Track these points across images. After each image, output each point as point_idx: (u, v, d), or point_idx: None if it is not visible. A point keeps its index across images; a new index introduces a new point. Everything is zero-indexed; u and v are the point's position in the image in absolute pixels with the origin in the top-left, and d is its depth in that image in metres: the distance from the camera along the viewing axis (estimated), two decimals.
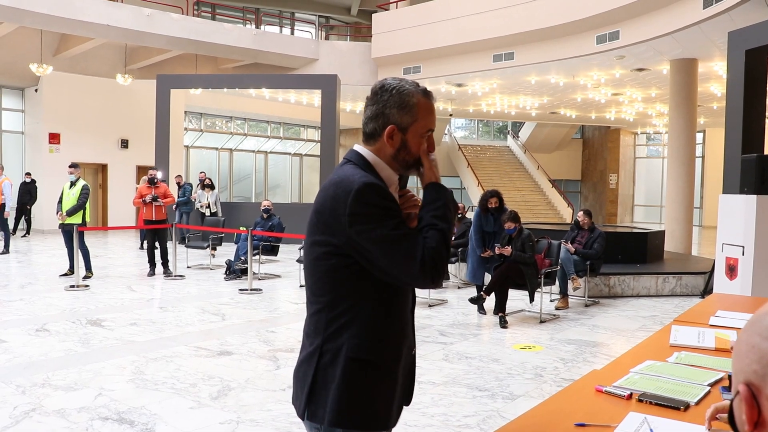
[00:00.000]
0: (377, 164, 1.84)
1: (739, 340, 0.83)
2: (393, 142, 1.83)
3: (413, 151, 1.83)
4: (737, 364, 0.82)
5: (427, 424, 4.10)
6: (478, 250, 7.86)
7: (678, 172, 13.97)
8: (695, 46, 13.08)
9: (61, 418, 4.08)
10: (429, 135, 1.86)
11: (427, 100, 1.85)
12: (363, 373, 1.78)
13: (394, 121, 1.81)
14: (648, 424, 1.92)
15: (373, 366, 1.79)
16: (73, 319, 6.98)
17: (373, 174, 1.81)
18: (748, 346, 0.80)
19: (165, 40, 16.13)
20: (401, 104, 1.81)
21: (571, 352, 6.06)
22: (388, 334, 1.82)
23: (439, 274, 1.75)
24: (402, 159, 1.85)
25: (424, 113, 1.83)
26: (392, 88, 1.83)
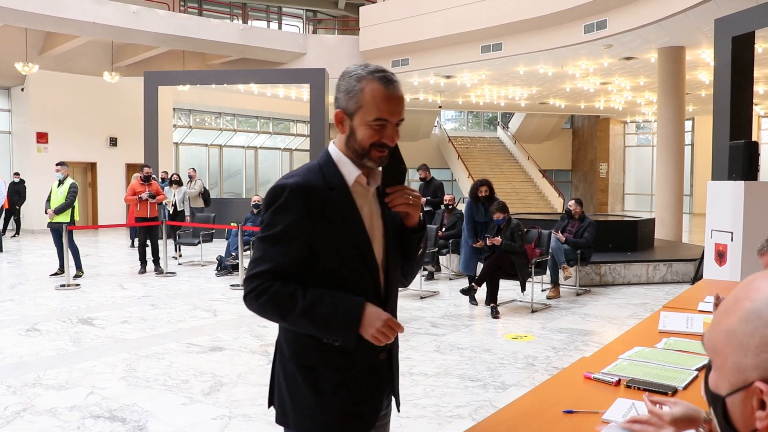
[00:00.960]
0: (339, 160, 1.76)
1: (741, 330, 0.74)
2: (343, 128, 1.74)
3: (359, 139, 1.71)
4: (744, 358, 0.73)
5: (420, 414, 4.11)
6: (470, 241, 7.87)
7: (667, 160, 14.01)
8: (682, 34, 13.10)
9: (52, 417, 4.07)
10: (382, 126, 1.70)
11: (382, 87, 1.68)
12: (305, 377, 1.74)
13: (342, 106, 1.72)
14: (636, 409, 1.93)
15: (313, 371, 1.74)
16: (64, 318, 6.95)
17: (333, 171, 1.74)
18: (763, 339, 0.71)
19: (152, 36, 16.03)
20: (348, 89, 1.71)
21: (562, 341, 6.08)
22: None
23: (254, 306, 1.69)
24: (351, 147, 1.74)
25: (372, 99, 1.67)
26: (346, 72, 1.73)
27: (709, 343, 0.82)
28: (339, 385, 1.74)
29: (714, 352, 0.80)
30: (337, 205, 1.71)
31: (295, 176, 1.72)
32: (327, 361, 1.73)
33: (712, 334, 0.81)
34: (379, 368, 1.81)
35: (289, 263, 1.67)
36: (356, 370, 1.75)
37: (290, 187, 1.68)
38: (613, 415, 1.89)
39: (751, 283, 0.78)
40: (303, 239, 1.67)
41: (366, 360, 1.77)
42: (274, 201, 1.69)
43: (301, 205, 1.67)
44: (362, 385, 1.77)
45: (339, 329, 1.67)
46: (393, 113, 1.69)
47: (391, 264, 1.82)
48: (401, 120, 1.73)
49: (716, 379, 0.79)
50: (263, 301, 1.66)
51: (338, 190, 1.72)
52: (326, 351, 1.72)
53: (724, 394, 0.77)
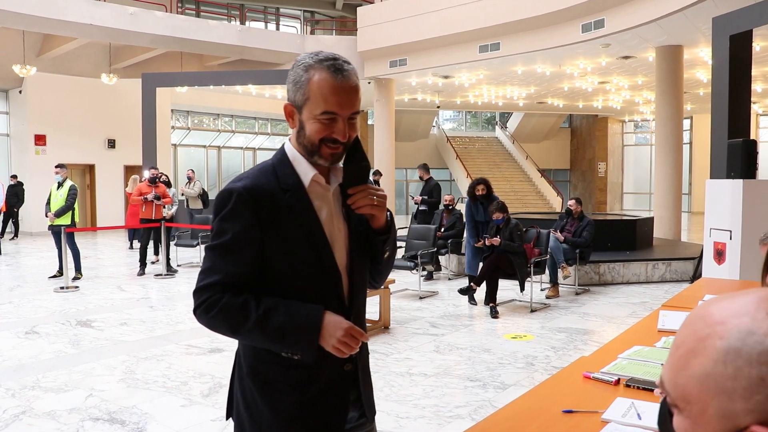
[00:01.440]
0: (295, 158, 1.62)
1: (720, 374, 0.65)
2: (293, 123, 1.61)
3: (307, 134, 1.57)
4: (731, 403, 0.64)
5: (419, 415, 4.10)
6: (471, 240, 7.87)
7: (666, 158, 14.01)
8: (680, 33, 13.10)
9: (51, 420, 4.06)
10: (332, 120, 1.55)
11: (330, 76, 1.53)
12: (263, 395, 1.62)
13: (290, 99, 1.60)
14: (635, 408, 1.93)
15: (271, 388, 1.62)
16: (63, 321, 6.94)
17: (287, 171, 1.61)
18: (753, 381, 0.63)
19: (149, 38, 16.02)
20: (295, 79, 1.57)
21: (562, 340, 6.08)
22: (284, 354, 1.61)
23: (204, 320, 1.58)
24: (301, 143, 1.60)
25: (319, 91, 1.53)
26: (296, 60, 1.59)
27: (675, 391, 0.71)
28: (299, 404, 1.61)
29: (686, 400, 0.69)
30: (292, 209, 1.57)
31: (245, 179, 1.59)
32: (286, 376, 1.61)
33: (680, 380, 0.70)
34: (345, 381, 1.68)
35: (241, 274, 1.55)
36: (319, 385, 1.62)
37: (237, 192, 1.55)
38: (612, 415, 1.88)
39: (708, 317, 0.69)
40: (254, 247, 1.55)
41: (329, 374, 1.64)
42: (221, 207, 1.57)
43: (250, 211, 1.54)
44: (325, 401, 1.64)
45: (296, 341, 1.54)
46: (343, 106, 1.54)
47: (356, 268, 1.69)
48: (356, 113, 1.59)
49: (692, 428, 0.69)
50: (213, 315, 1.53)
51: (293, 191, 1.59)
52: (286, 366, 1.60)
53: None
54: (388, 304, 6.54)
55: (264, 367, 1.62)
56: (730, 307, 0.68)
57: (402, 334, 6.32)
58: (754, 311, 0.66)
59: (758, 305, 0.66)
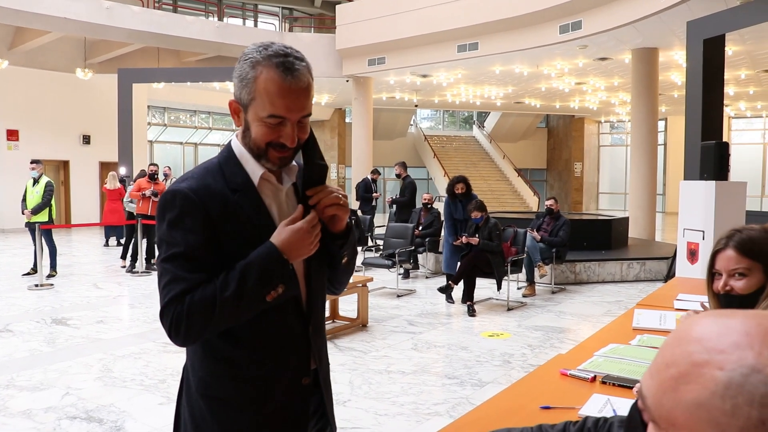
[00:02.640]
0: (242, 155, 1.49)
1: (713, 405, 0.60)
2: (239, 120, 1.47)
3: (253, 137, 1.44)
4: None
5: (398, 412, 4.13)
6: (450, 239, 7.92)
7: (641, 159, 14.19)
8: (656, 36, 13.28)
9: (27, 419, 4.02)
10: (280, 124, 1.42)
11: (278, 76, 1.38)
12: (215, 414, 1.49)
13: (236, 95, 1.45)
14: (611, 404, 1.97)
15: (223, 405, 1.49)
16: (38, 319, 6.86)
17: (235, 170, 1.48)
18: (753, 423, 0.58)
19: (125, 33, 15.85)
20: (241, 75, 1.42)
21: (538, 338, 6.15)
22: (238, 366, 1.49)
23: (180, 337, 1.40)
24: (247, 143, 1.47)
25: (266, 92, 1.39)
26: (243, 53, 1.45)
27: (659, 410, 0.65)
28: (255, 422, 1.50)
29: (670, 423, 0.64)
30: (242, 209, 1.45)
31: (189, 179, 1.46)
32: (241, 392, 1.49)
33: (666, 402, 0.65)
34: (304, 394, 1.56)
35: (203, 279, 1.40)
36: (276, 401, 1.51)
37: (183, 194, 1.42)
38: (589, 411, 1.92)
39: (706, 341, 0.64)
40: (210, 250, 1.42)
41: (287, 388, 1.53)
42: (167, 211, 1.43)
43: (198, 212, 1.41)
44: (283, 417, 1.53)
45: (264, 273, 1.39)
46: (291, 109, 1.40)
47: (313, 271, 1.57)
48: (306, 115, 1.45)
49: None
50: (185, 323, 1.38)
51: (242, 191, 1.47)
52: (238, 381, 1.48)
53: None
54: (366, 302, 6.56)
55: (216, 381, 1.49)
56: (731, 335, 0.63)
57: (380, 332, 6.35)
58: (759, 346, 0.61)
59: (763, 340, 0.62)
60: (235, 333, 1.48)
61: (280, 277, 1.42)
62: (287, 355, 1.53)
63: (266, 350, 1.51)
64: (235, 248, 1.43)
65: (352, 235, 1.60)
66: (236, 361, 1.49)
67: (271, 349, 1.51)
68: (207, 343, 1.49)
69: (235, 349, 1.49)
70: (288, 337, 1.53)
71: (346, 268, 1.66)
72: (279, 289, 1.42)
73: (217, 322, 1.39)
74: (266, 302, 1.42)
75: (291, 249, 1.43)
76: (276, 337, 1.51)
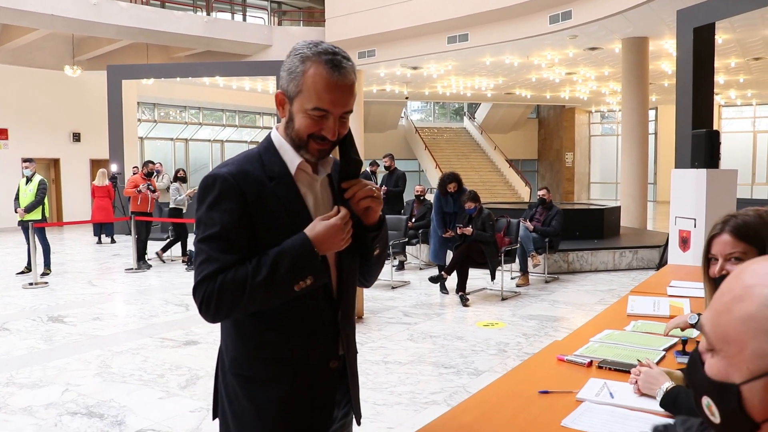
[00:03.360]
0: (281, 146, 1.57)
1: (763, 318, 0.73)
2: (283, 112, 1.55)
3: (296, 128, 1.52)
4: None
5: (395, 402, 4.18)
6: (439, 231, 7.96)
7: (632, 148, 14.27)
8: (646, 25, 13.33)
9: (28, 416, 4.05)
10: (322, 117, 1.49)
11: (326, 72, 1.46)
12: (245, 391, 1.57)
13: (283, 87, 1.53)
14: (607, 388, 2.02)
15: (253, 383, 1.57)
16: (34, 317, 6.87)
17: (274, 158, 1.56)
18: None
19: (114, 29, 15.77)
20: (290, 68, 1.50)
21: (533, 327, 6.20)
22: (267, 347, 1.56)
23: (210, 313, 1.48)
24: (289, 134, 1.55)
25: (313, 86, 1.47)
26: (294, 48, 1.53)
27: (716, 333, 0.78)
28: (283, 400, 1.56)
29: (725, 341, 0.76)
30: (278, 196, 1.52)
31: (229, 165, 1.54)
32: (270, 372, 1.56)
33: (721, 322, 0.77)
34: (331, 379, 1.63)
35: (237, 260, 1.47)
36: (302, 382, 1.57)
37: (222, 178, 1.49)
38: (586, 394, 1.96)
39: (757, 270, 0.77)
40: (246, 231, 1.49)
41: (314, 370, 1.59)
42: (206, 194, 1.50)
43: (236, 196, 1.48)
44: (310, 398, 1.59)
45: (295, 262, 1.46)
46: (336, 104, 1.49)
47: (345, 261, 1.63)
48: (348, 111, 1.54)
49: (725, 368, 0.77)
50: (216, 301, 1.45)
51: (279, 179, 1.54)
52: (268, 361, 1.56)
53: (740, 381, 0.75)
54: (361, 295, 6.61)
55: (247, 361, 1.57)
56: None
57: (376, 323, 6.39)
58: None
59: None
60: (267, 316, 1.54)
61: (310, 269, 1.48)
62: (316, 339, 1.59)
63: (296, 333, 1.57)
64: (269, 233, 1.50)
65: (384, 227, 1.66)
66: (267, 343, 1.56)
67: (300, 333, 1.57)
68: (239, 325, 1.57)
69: (266, 331, 1.56)
70: (317, 322, 1.59)
71: (377, 261, 1.71)
72: (308, 280, 1.48)
73: (246, 304, 1.46)
74: (294, 291, 1.48)
75: (323, 242, 1.49)
76: (306, 322, 1.57)
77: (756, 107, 25.68)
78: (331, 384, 1.63)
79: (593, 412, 1.86)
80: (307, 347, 1.58)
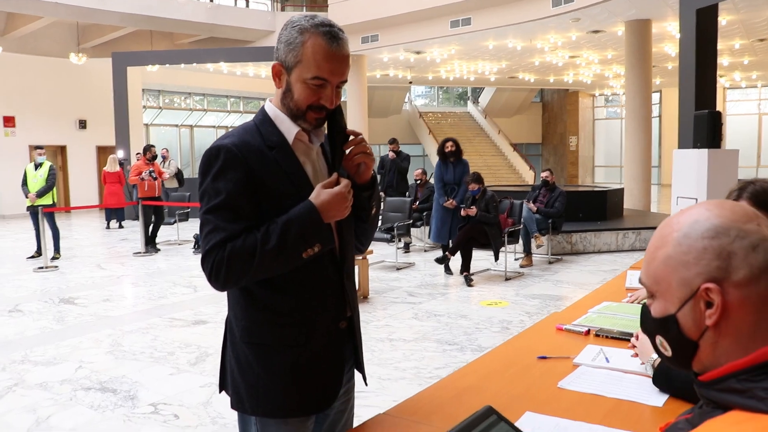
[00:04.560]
0: (276, 117, 1.63)
1: (678, 253, 0.89)
2: (280, 83, 1.60)
3: (295, 98, 1.58)
4: (687, 272, 0.88)
5: (400, 377, 4.29)
6: (441, 200, 8.06)
7: (635, 131, 14.29)
8: (649, 7, 13.31)
9: (44, 391, 4.17)
10: (320, 86, 1.56)
11: (325, 42, 1.53)
12: (258, 358, 1.62)
13: (280, 58, 1.58)
14: (604, 353, 2.11)
15: (266, 349, 1.62)
16: (45, 299, 6.99)
17: (270, 129, 1.61)
18: (698, 251, 0.87)
19: (118, 16, 15.81)
20: (288, 40, 1.56)
21: (535, 305, 6.30)
22: (280, 313, 1.61)
23: (220, 281, 1.53)
24: (287, 105, 1.61)
25: (313, 56, 1.53)
26: (290, 21, 1.59)
27: (649, 279, 0.94)
28: (297, 364, 1.61)
29: (656, 282, 0.93)
30: (279, 165, 1.58)
31: (231, 137, 1.59)
32: (282, 337, 1.61)
33: (651, 269, 0.94)
34: (340, 339, 1.69)
35: (243, 228, 1.52)
36: (313, 345, 1.63)
37: (226, 149, 1.54)
38: (583, 359, 2.05)
39: (670, 223, 0.93)
40: (251, 200, 1.54)
41: (325, 332, 1.65)
42: (210, 166, 1.55)
43: (240, 165, 1.53)
44: (321, 360, 1.64)
45: (303, 231, 1.52)
46: (334, 73, 1.56)
47: (344, 224, 1.70)
48: (343, 81, 1.60)
49: (662, 305, 0.93)
50: (225, 269, 1.50)
51: (278, 148, 1.60)
52: (280, 327, 1.61)
53: (674, 311, 0.91)
54: (366, 275, 6.70)
55: (259, 329, 1.61)
56: (684, 213, 0.93)
57: (381, 303, 6.49)
58: (698, 209, 0.92)
59: (702, 206, 0.92)
60: (276, 282, 1.59)
61: (318, 236, 1.54)
62: (326, 301, 1.65)
63: (306, 297, 1.62)
64: (273, 200, 1.56)
65: (376, 188, 1.74)
66: (278, 309, 1.61)
67: (310, 296, 1.62)
68: (249, 294, 1.61)
69: (276, 297, 1.60)
70: (326, 284, 1.65)
71: (372, 223, 1.81)
72: (315, 247, 1.54)
73: (255, 271, 1.52)
74: (302, 258, 1.54)
75: (328, 210, 1.55)
76: (315, 284, 1.63)
77: (761, 89, 25.59)
78: (341, 344, 1.70)
79: (589, 375, 1.95)
80: (317, 310, 1.63)
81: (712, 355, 0.89)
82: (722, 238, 0.87)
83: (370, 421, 1.64)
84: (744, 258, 0.85)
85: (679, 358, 0.94)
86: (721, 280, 0.86)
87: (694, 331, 0.89)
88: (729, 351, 0.87)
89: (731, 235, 0.86)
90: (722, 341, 0.88)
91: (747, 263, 0.85)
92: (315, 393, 1.65)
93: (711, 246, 0.87)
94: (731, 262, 0.86)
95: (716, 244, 0.87)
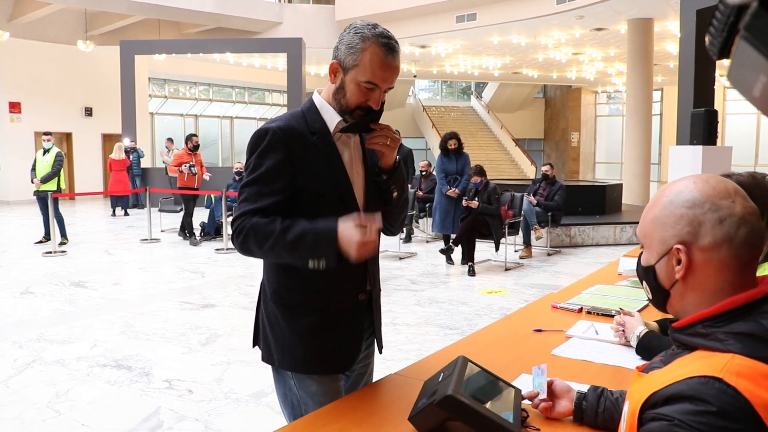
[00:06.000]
0: (322, 106, 1.82)
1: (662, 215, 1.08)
2: (335, 79, 1.79)
3: (348, 96, 1.76)
4: (665, 232, 1.06)
5: (403, 358, 4.47)
6: (443, 189, 8.25)
7: (636, 128, 14.46)
8: (651, 6, 13.46)
9: (61, 367, 4.36)
10: (371, 90, 1.74)
11: (383, 53, 1.72)
12: (285, 317, 1.82)
13: (339, 58, 1.75)
14: (594, 327, 2.29)
15: (292, 310, 1.81)
16: (56, 282, 7.18)
17: (315, 117, 1.80)
18: (676, 216, 1.05)
19: (125, 4, 15.94)
20: (350, 43, 1.74)
21: (534, 294, 6.49)
22: (306, 279, 1.79)
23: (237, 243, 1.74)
24: (338, 100, 1.78)
25: (370, 62, 1.71)
26: (354, 26, 1.78)
27: (641, 232, 1.14)
28: (317, 325, 1.80)
29: (644, 237, 1.13)
30: (319, 150, 1.76)
31: (278, 121, 1.77)
32: (306, 301, 1.80)
33: (643, 225, 1.13)
34: (359, 310, 1.88)
35: (273, 203, 1.71)
36: (335, 311, 1.82)
37: (272, 131, 1.73)
38: (575, 332, 2.25)
39: (663, 189, 1.12)
40: (287, 178, 1.72)
41: (345, 301, 1.84)
42: (257, 144, 1.74)
43: (283, 147, 1.72)
44: (341, 325, 1.83)
45: (316, 245, 1.65)
46: (386, 81, 1.74)
47: (371, 207, 1.85)
48: (390, 87, 1.78)
49: (647, 256, 1.12)
50: (242, 237, 1.70)
51: (320, 135, 1.77)
52: (306, 292, 1.80)
53: (654, 262, 1.10)
54: None
55: (287, 292, 1.82)
56: (677, 182, 1.11)
57: (384, 290, 6.63)
58: (686, 181, 1.09)
59: (691, 178, 1.09)
60: None
61: (326, 255, 1.66)
62: (348, 271, 1.80)
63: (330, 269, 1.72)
64: (309, 180, 1.75)
65: (399, 169, 1.90)
66: (305, 276, 1.78)
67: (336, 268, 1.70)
68: None
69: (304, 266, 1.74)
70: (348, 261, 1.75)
71: (399, 206, 1.95)
72: (321, 262, 1.67)
73: (265, 253, 1.72)
74: (307, 264, 1.68)
75: (343, 242, 1.64)
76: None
77: None
78: (360, 315, 1.89)
79: (580, 345, 2.14)
80: (339, 281, 1.81)
81: (680, 303, 1.09)
82: (697, 209, 1.04)
83: (384, 379, 1.85)
84: (711, 228, 1.03)
85: (656, 301, 1.14)
86: (689, 243, 1.04)
87: (667, 281, 1.09)
88: (696, 303, 1.06)
89: (705, 207, 1.04)
90: (689, 294, 1.07)
91: (712, 233, 1.03)
92: (335, 354, 1.84)
93: (686, 214, 1.05)
94: (700, 230, 1.03)
95: (691, 213, 1.04)
